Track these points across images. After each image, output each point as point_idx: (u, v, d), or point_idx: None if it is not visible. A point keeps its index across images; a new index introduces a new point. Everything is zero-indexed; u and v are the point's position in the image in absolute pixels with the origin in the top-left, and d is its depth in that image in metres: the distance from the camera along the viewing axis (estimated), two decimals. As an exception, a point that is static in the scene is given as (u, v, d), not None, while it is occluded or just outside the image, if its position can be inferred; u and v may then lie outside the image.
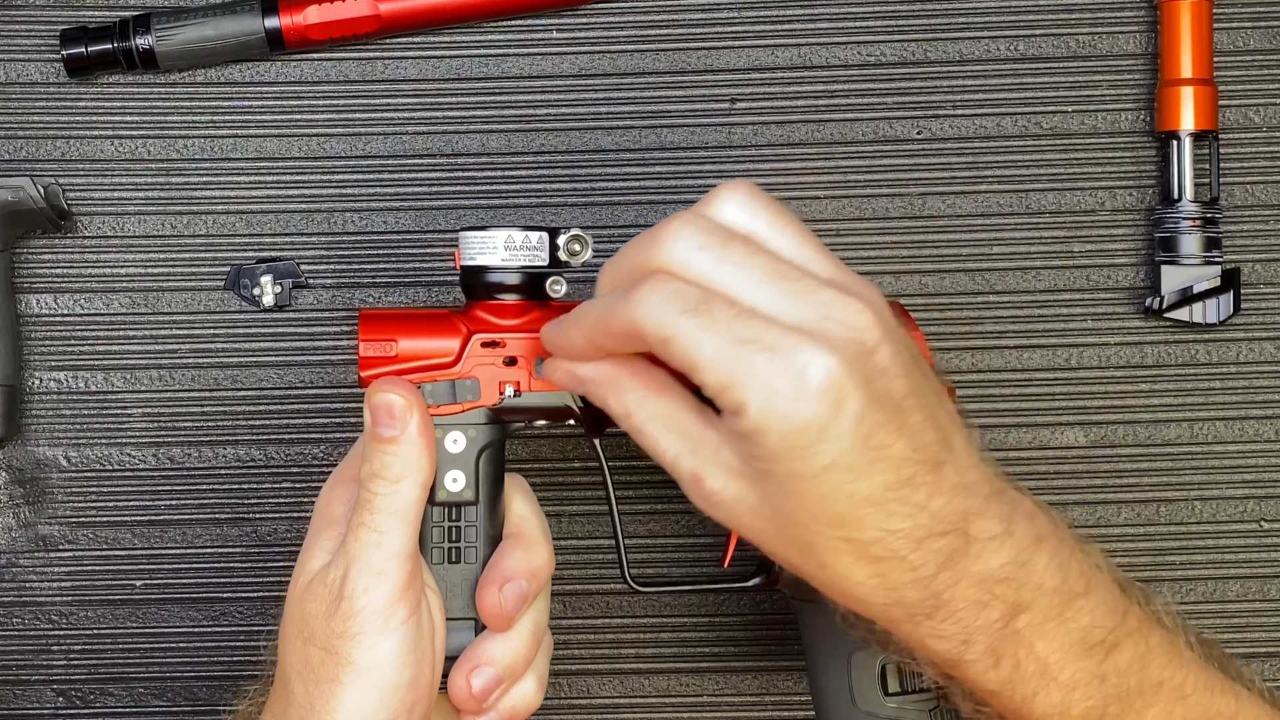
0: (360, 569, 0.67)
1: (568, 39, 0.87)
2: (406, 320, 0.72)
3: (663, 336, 0.59)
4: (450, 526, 0.72)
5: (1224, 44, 0.87)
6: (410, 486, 0.68)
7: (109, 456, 0.87)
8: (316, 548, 0.70)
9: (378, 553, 0.67)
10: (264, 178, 0.87)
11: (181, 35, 0.84)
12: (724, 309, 0.59)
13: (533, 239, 0.71)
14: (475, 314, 0.72)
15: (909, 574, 0.61)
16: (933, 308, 0.87)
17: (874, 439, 0.59)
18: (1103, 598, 0.66)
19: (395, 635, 0.67)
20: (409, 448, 0.68)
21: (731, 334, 0.58)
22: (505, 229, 0.71)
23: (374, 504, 0.68)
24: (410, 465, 0.68)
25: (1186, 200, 0.84)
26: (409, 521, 0.68)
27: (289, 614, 0.70)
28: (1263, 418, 0.87)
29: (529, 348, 0.72)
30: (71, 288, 0.87)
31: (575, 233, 0.71)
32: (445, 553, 0.72)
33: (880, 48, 0.87)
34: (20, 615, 0.87)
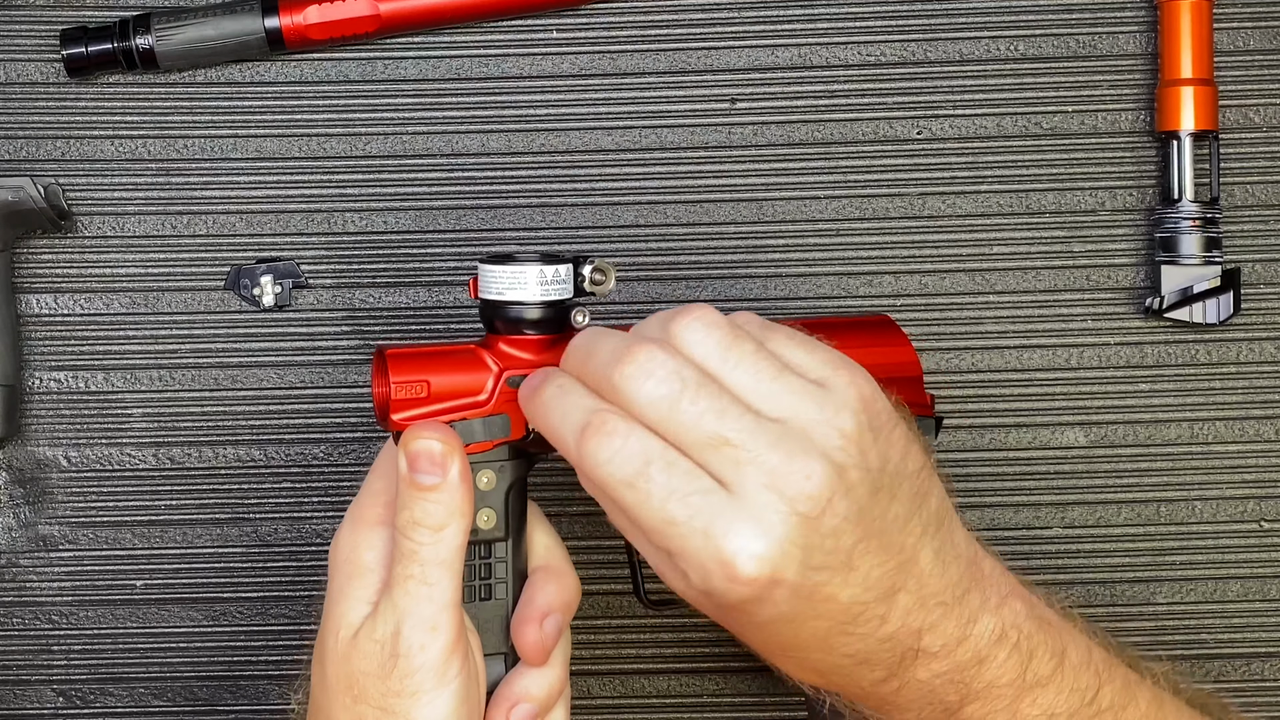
0: (414, 625, 0.66)
1: (568, 39, 0.87)
2: (437, 359, 0.70)
3: (606, 497, 0.61)
4: (480, 564, 0.70)
5: (1224, 44, 0.87)
6: (454, 534, 0.67)
7: (109, 456, 0.87)
8: (351, 598, 0.68)
9: (429, 606, 0.66)
10: (264, 178, 0.87)
11: (181, 35, 0.84)
12: (660, 482, 0.59)
13: (562, 273, 0.70)
14: (501, 349, 0.71)
15: (854, 683, 0.64)
16: (933, 308, 0.87)
17: (818, 593, 0.60)
18: (1069, 683, 0.67)
19: (450, 688, 0.66)
20: (451, 494, 0.67)
21: (665, 514, 0.59)
22: (533, 264, 0.69)
23: (420, 555, 0.66)
24: (454, 512, 0.67)
25: (1186, 200, 0.84)
26: (455, 570, 0.67)
27: (333, 671, 0.68)
28: (1263, 418, 0.87)
29: None
30: (71, 288, 0.87)
31: (599, 263, 0.70)
32: (476, 590, 0.70)
33: (880, 48, 0.87)
34: (20, 615, 0.87)
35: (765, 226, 0.87)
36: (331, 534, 0.74)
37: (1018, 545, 0.87)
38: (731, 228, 0.87)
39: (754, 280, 0.86)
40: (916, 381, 0.75)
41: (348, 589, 0.68)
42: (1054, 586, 0.86)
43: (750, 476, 0.59)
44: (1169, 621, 0.87)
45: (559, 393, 0.64)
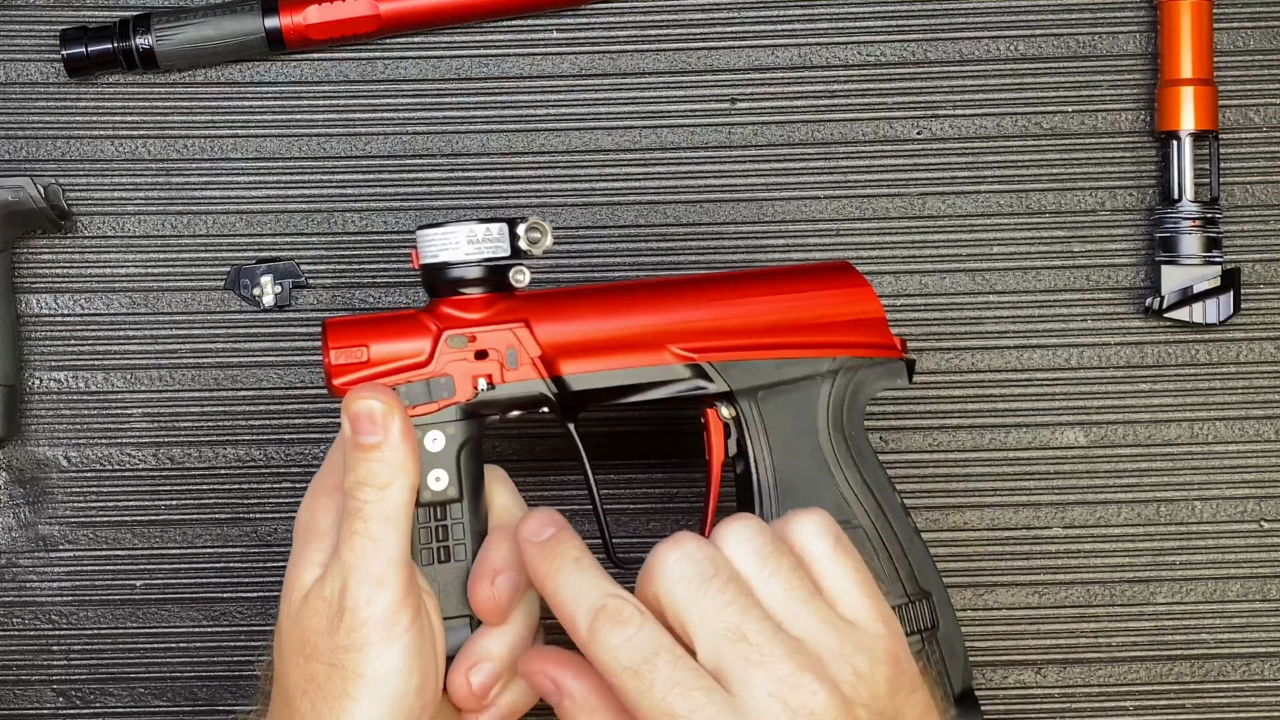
0: (360, 579, 0.67)
1: (568, 39, 0.87)
2: (375, 325, 0.72)
3: (609, 679, 0.61)
4: (437, 526, 0.72)
5: (1224, 44, 0.87)
6: (399, 491, 0.68)
7: (109, 456, 0.87)
8: (305, 561, 0.69)
9: (375, 560, 0.67)
10: (264, 178, 0.87)
11: (181, 35, 0.84)
12: (665, 674, 0.59)
13: (494, 231, 0.71)
14: (442, 311, 0.72)
15: None
16: (933, 308, 0.87)
17: None
18: None
19: (400, 643, 0.67)
20: (393, 452, 0.68)
21: (666, 705, 0.59)
22: (465, 224, 0.71)
23: (365, 512, 0.67)
24: (397, 469, 0.68)
25: (1186, 200, 0.84)
26: (402, 526, 0.68)
27: (285, 632, 0.69)
28: (1263, 418, 0.87)
29: (499, 340, 0.72)
30: (71, 288, 0.87)
31: (534, 221, 0.71)
32: (434, 553, 0.71)
33: (880, 48, 0.87)
34: (20, 615, 0.87)
35: (765, 226, 0.87)
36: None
37: (1018, 545, 0.87)
38: (731, 228, 0.87)
39: (754, 280, 0.86)
40: (880, 323, 0.76)
41: (304, 553, 0.69)
42: (1054, 586, 0.87)
43: (757, 680, 0.59)
44: (1169, 621, 0.87)
45: (575, 568, 0.63)
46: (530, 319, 0.73)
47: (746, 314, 0.75)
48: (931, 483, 0.87)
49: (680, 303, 0.74)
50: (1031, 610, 0.87)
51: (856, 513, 0.74)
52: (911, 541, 0.75)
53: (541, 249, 0.72)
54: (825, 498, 0.74)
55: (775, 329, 0.75)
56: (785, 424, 0.74)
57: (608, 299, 0.74)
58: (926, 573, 0.75)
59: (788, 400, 0.75)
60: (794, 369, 0.74)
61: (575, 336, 0.73)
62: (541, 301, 0.74)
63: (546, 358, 0.73)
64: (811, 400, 0.75)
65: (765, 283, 0.75)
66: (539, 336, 0.73)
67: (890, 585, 0.74)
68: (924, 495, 0.87)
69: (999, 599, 0.87)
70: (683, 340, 0.74)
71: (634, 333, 0.74)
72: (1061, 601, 0.87)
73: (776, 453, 0.74)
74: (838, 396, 0.75)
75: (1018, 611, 0.87)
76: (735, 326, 0.74)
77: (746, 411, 0.74)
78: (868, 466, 0.75)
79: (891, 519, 0.75)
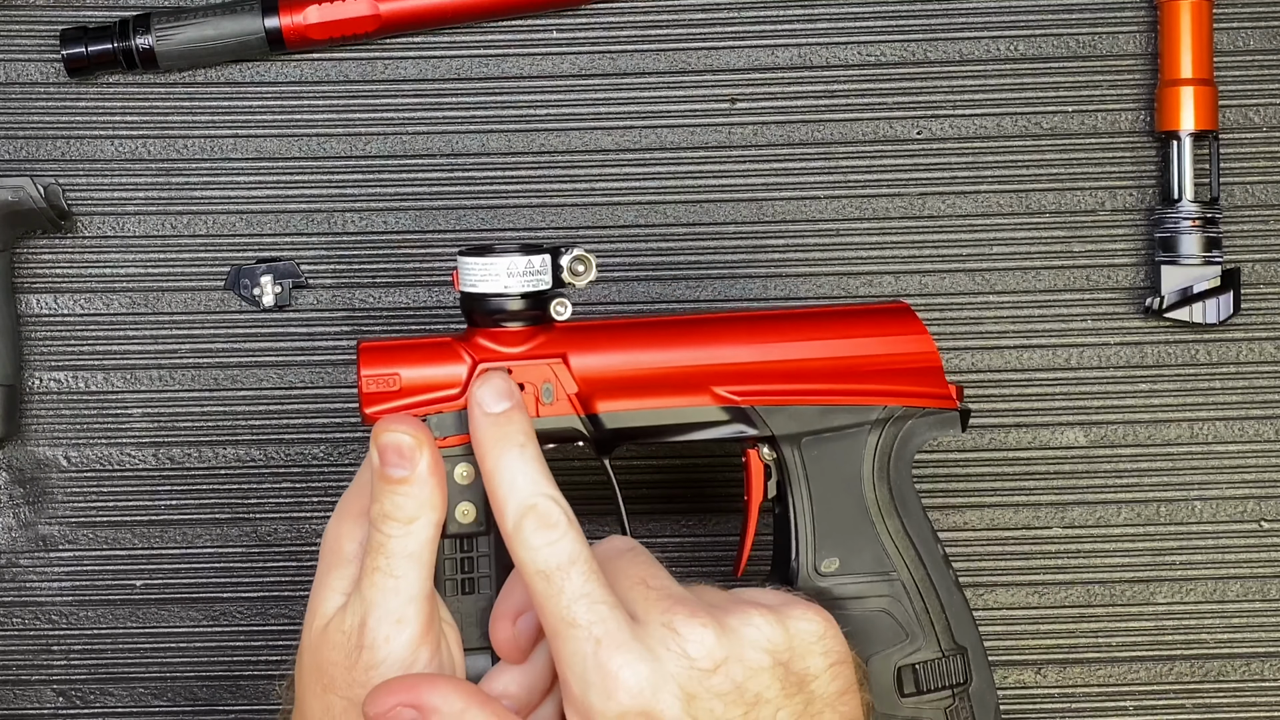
0: (379, 617, 0.66)
1: (568, 39, 0.87)
2: (409, 351, 0.71)
3: (522, 573, 0.62)
4: (462, 558, 0.70)
5: (1224, 44, 0.87)
6: (424, 527, 0.66)
7: (109, 456, 0.87)
8: (328, 588, 0.68)
9: (395, 598, 0.66)
10: (264, 178, 0.87)
11: (181, 35, 0.84)
12: (577, 584, 0.61)
13: (535, 263, 0.69)
14: (478, 341, 0.71)
15: None
16: (933, 308, 0.87)
17: None
18: None
19: None
20: (420, 487, 0.66)
21: (569, 614, 0.61)
22: (507, 255, 0.69)
23: (388, 547, 0.66)
24: (423, 505, 0.66)
25: (1186, 200, 0.84)
26: (424, 563, 0.66)
27: (305, 659, 0.68)
28: (1263, 418, 0.87)
29: (536, 375, 0.71)
30: (71, 288, 0.87)
31: (579, 253, 0.70)
32: (458, 585, 0.70)
33: (880, 48, 0.87)
34: (20, 615, 0.87)
35: (765, 226, 0.87)
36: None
37: (1018, 545, 0.87)
38: (731, 228, 0.87)
39: (754, 280, 0.86)
40: (935, 372, 0.74)
41: (327, 579, 0.68)
42: (1054, 586, 0.87)
43: (656, 612, 0.61)
44: (1169, 621, 0.87)
45: (519, 455, 0.64)
46: (568, 354, 0.71)
47: (794, 358, 0.73)
48: (932, 483, 0.87)
49: (724, 343, 0.72)
50: (1031, 610, 0.87)
51: (896, 564, 0.73)
52: (951, 595, 0.73)
53: (585, 281, 0.70)
54: (864, 547, 0.73)
55: (824, 374, 0.73)
56: (828, 471, 0.73)
57: (649, 335, 0.72)
58: (964, 627, 0.74)
59: (832, 448, 0.73)
60: (841, 416, 0.73)
61: (613, 374, 0.72)
62: (581, 336, 0.72)
63: (583, 395, 0.71)
64: (857, 448, 0.73)
65: (815, 324, 0.73)
66: (576, 373, 0.71)
67: (925, 640, 0.73)
68: (924, 495, 0.87)
69: (999, 599, 0.87)
70: (726, 383, 0.72)
71: (674, 373, 0.72)
72: (1061, 601, 0.87)
73: (817, 500, 0.73)
74: (885, 445, 0.73)
75: (1018, 611, 0.87)
76: (781, 370, 0.72)
77: (789, 456, 0.73)
78: (911, 516, 0.74)
79: (932, 572, 0.73)
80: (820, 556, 0.73)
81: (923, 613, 0.73)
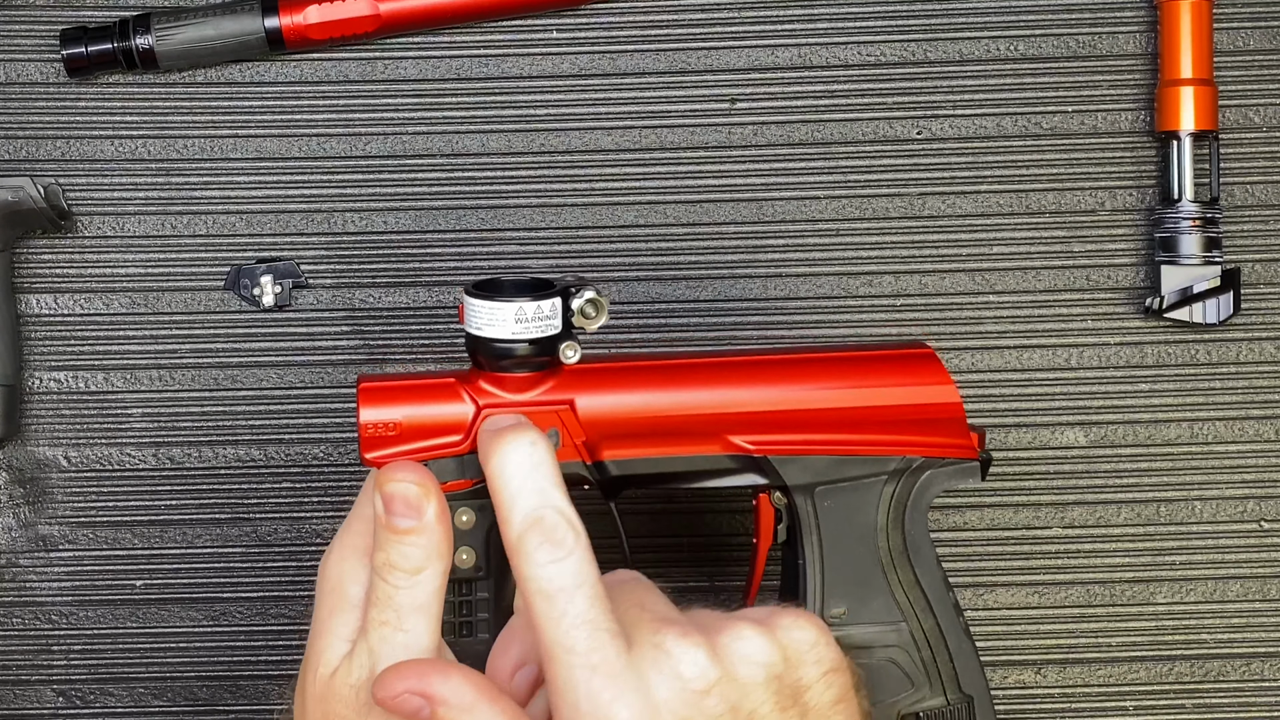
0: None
1: (568, 39, 0.87)
2: (410, 392, 0.68)
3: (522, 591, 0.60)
4: (460, 601, 0.69)
5: (1224, 44, 0.87)
6: (431, 577, 0.64)
7: (109, 456, 0.87)
8: (332, 634, 0.66)
9: (404, 653, 0.64)
10: (264, 178, 0.87)
11: (181, 35, 0.84)
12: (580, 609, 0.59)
13: (546, 308, 0.66)
14: (482, 386, 0.69)
15: None
16: (933, 308, 0.87)
17: None
18: None
19: None
20: (428, 538, 0.64)
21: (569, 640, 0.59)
22: (516, 300, 0.66)
23: (395, 600, 0.64)
24: (431, 555, 0.64)
25: (1186, 200, 0.84)
26: (433, 615, 0.64)
27: (312, 708, 0.66)
28: (1263, 418, 0.87)
29: (542, 421, 0.68)
30: (71, 288, 0.87)
31: (591, 296, 0.67)
32: (455, 627, 0.69)
33: (880, 48, 0.87)
34: (20, 615, 0.87)
35: (765, 226, 0.87)
36: (331, 534, 0.73)
37: (1018, 545, 0.87)
38: (731, 228, 0.87)
39: (754, 280, 0.86)
40: (958, 422, 0.72)
41: (330, 623, 0.66)
42: (1054, 586, 0.87)
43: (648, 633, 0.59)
44: (1169, 621, 0.87)
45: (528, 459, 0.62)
46: (576, 401, 0.69)
47: (811, 406, 0.70)
48: (931, 483, 0.87)
49: (737, 390, 0.70)
50: (1031, 610, 0.87)
51: (906, 614, 0.71)
52: (960, 643, 0.72)
53: (597, 325, 0.67)
54: (874, 597, 0.71)
55: (841, 424, 0.70)
56: (841, 520, 0.71)
57: (659, 380, 0.70)
58: (971, 676, 0.72)
59: (847, 498, 0.71)
60: (856, 467, 0.70)
61: (622, 422, 0.70)
62: (589, 379, 0.69)
63: (590, 442, 0.69)
64: (872, 498, 0.71)
65: (834, 370, 0.71)
66: (583, 420, 0.69)
67: (932, 688, 0.72)
68: (924, 495, 0.87)
69: (999, 599, 0.87)
70: (739, 431, 0.70)
71: (685, 421, 0.70)
72: (1061, 601, 0.87)
73: (828, 548, 0.71)
74: (901, 495, 0.71)
75: (1018, 611, 0.87)
76: (798, 420, 0.70)
77: (800, 505, 0.71)
78: (924, 565, 0.72)
79: (941, 620, 0.72)
80: (829, 605, 0.71)
81: (930, 662, 0.72)
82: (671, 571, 0.86)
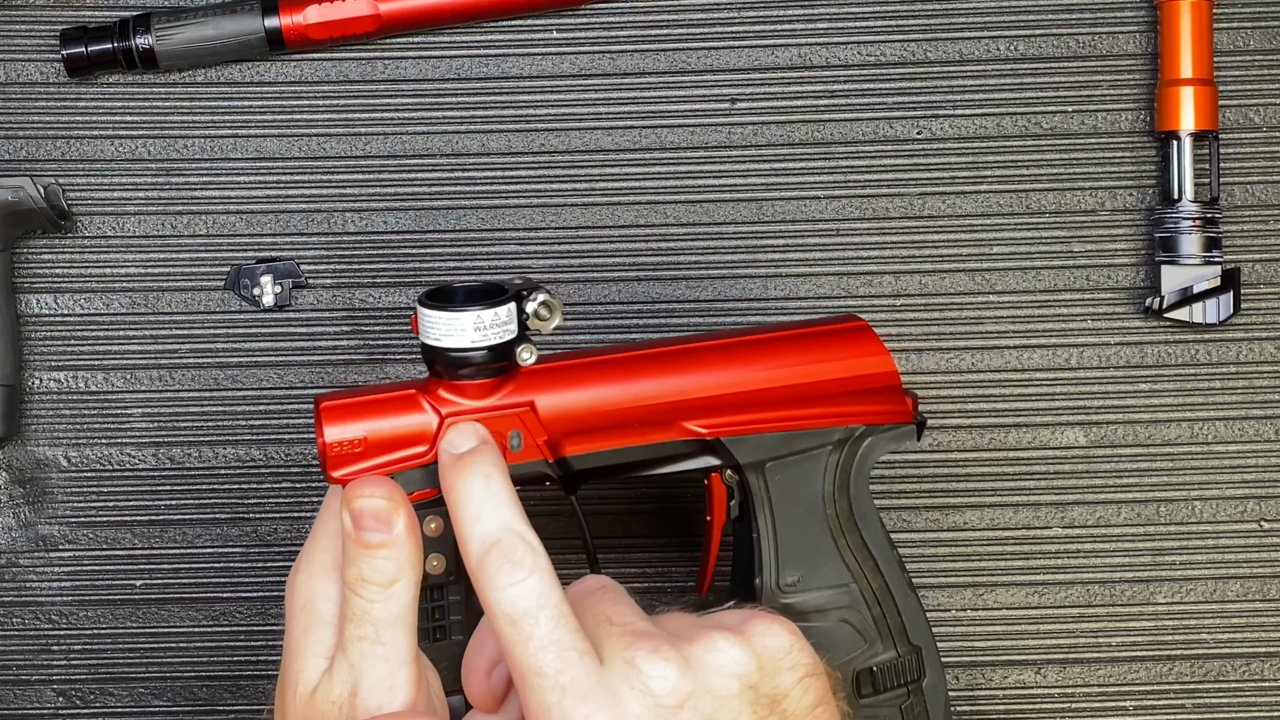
0: (371, 685, 0.64)
1: (568, 39, 0.87)
2: (371, 408, 0.68)
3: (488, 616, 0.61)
4: (433, 607, 0.69)
5: (1224, 44, 0.87)
6: (404, 588, 0.65)
7: (109, 456, 0.87)
8: (309, 652, 0.66)
9: (385, 665, 0.64)
10: (264, 178, 0.87)
11: (181, 35, 0.84)
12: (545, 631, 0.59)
13: (501, 314, 0.67)
14: (443, 395, 0.69)
15: None
16: (933, 308, 0.87)
17: None
18: None
19: None
20: (399, 550, 0.65)
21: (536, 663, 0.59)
22: (471, 309, 0.67)
23: (370, 614, 0.64)
24: (403, 566, 0.65)
25: (1186, 200, 0.84)
26: (409, 625, 0.65)
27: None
28: (1263, 418, 0.87)
29: (503, 424, 0.69)
30: (71, 288, 0.87)
31: (544, 299, 0.67)
32: (428, 632, 0.69)
33: (880, 48, 0.87)
34: (20, 615, 0.87)
35: (765, 226, 0.87)
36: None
37: (1018, 545, 0.87)
38: (731, 228, 0.87)
39: (754, 280, 0.87)
40: (894, 390, 0.74)
41: (305, 642, 0.67)
42: (1054, 586, 0.87)
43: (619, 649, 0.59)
44: (1169, 621, 0.87)
45: (483, 485, 0.63)
46: (535, 402, 0.70)
47: (760, 387, 0.72)
48: (931, 483, 0.87)
49: (690, 377, 0.72)
50: (1031, 610, 0.87)
51: (855, 575, 0.74)
52: (906, 598, 0.75)
53: (551, 327, 0.68)
54: (825, 561, 0.74)
55: (788, 401, 0.73)
56: (790, 492, 0.73)
57: (615, 373, 0.71)
58: (918, 628, 0.75)
59: (794, 470, 0.73)
60: (803, 441, 0.73)
61: (582, 417, 0.70)
62: (546, 380, 0.70)
63: (551, 440, 0.70)
64: (817, 468, 0.73)
65: (777, 350, 0.73)
66: (544, 420, 0.70)
67: (883, 643, 0.74)
68: (924, 495, 0.87)
69: (999, 599, 0.87)
70: (694, 417, 0.72)
71: (642, 412, 0.71)
72: (1061, 601, 0.87)
73: (780, 519, 0.73)
74: (845, 463, 0.74)
75: (1018, 611, 0.87)
76: (748, 401, 0.72)
77: (752, 481, 0.73)
78: (869, 527, 0.74)
79: (888, 578, 0.74)
80: (783, 573, 0.73)
81: (880, 618, 0.74)
82: (631, 553, 0.87)
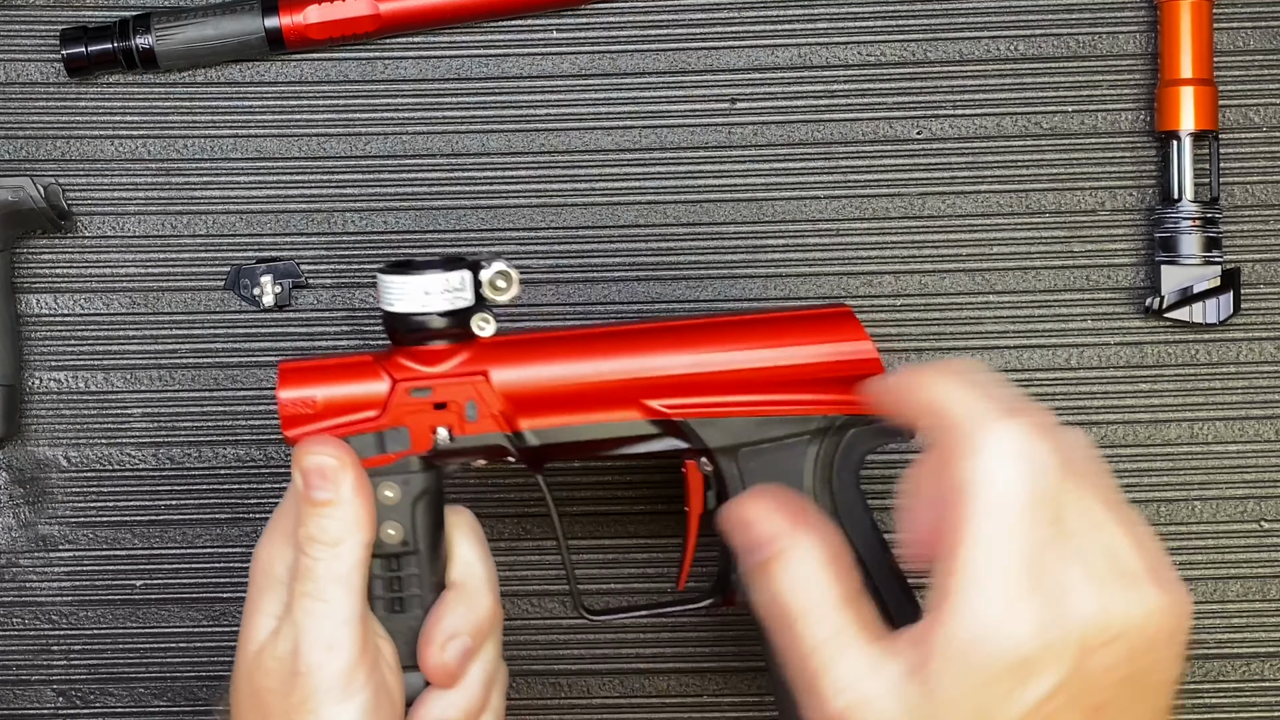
0: (311, 642, 0.65)
1: (568, 39, 0.87)
2: (327, 371, 0.69)
3: (763, 614, 0.62)
4: (391, 577, 0.69)
5: (1224, 44, 0.87)
6: (351, 549, 0.66)
7: (109, 456, 0.87)
8: (260, 612, 0.67)
9: (327, 622, 0.65)
10: (264, 178, 0.87)
11: (181, 35, 0.84)
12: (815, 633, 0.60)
13: (454, 280, 0.68)
14: (399, 361, 0.69)
15: None
16: (933, 308, 0.87)
17: None
18: None
19: (356, 700, 0.65)
20: (346, 509, 0.66)
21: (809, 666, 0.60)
22: (424, 274, 0.68)
23: (315, 571, 0.65)
24: (349, 527, 0.66)
25: (1186, 200, 0.84)
26: (354, 587, 0.66)
27: (240, 686, 0.67)
28: (1263, 418, 0.87)
29: (458, 393, 0.69)
30: (71, 288, 0.87)
31: (500, 268, 0.68)
32: (388, 603, 0.69)
33: (880, 48, 0.87)
34: (20, 615, 0.87)
35: (765, 226, 0.87)
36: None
37: (1018, 545, 0.87)
38: (731, 228, 0.87)
39: (754, 280, 0.86)
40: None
41: (258, 602, 0.67)
42: (1054, 586, 0.87)
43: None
44: (1169, 621, 0.87)
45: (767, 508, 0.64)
46: (490, 372, 0.69)
47: (726, 368, 0.70)
48: (931, 483, 0.87)
49: (652, 355, 0.70)
50: (1031, 610, 0.87)
51: None
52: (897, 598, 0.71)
53: (508, 297, 0.68)
54: None
55: (759, 385, 0.70)
56: (768, 483, 0.70)
57: (573, 348, 0.70)
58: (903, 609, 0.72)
59: (771, 459, 0.71)
60: (779, 427, 0.70)
61: (536, 390, 0.70)
62: (502, 352, 0.70)
63: (507, 412, 0.70)
64: (797, 460, 0.71)
65: (749, 331, 0.71)
66: (499, 390, 0.69)
67: None
68: (924, 495, 0.87)
69: (999, 599, 0.87)
70: (654, 395, 0.70)
71: (599, 387, 0.70)
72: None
73: None
74: (827, 455, 0.71)
75: (1018, 611, 0.87)
76: (713, 382, 0.70)
77: (726, 469, 0.71)
78: (856, 528, 0.71)
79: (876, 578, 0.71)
80: None
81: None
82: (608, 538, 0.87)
